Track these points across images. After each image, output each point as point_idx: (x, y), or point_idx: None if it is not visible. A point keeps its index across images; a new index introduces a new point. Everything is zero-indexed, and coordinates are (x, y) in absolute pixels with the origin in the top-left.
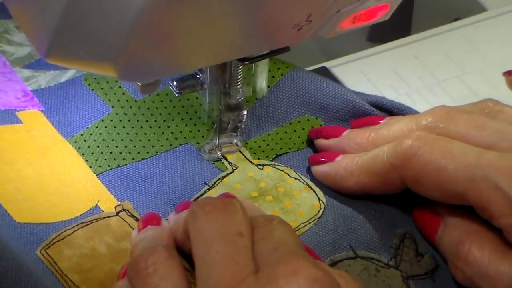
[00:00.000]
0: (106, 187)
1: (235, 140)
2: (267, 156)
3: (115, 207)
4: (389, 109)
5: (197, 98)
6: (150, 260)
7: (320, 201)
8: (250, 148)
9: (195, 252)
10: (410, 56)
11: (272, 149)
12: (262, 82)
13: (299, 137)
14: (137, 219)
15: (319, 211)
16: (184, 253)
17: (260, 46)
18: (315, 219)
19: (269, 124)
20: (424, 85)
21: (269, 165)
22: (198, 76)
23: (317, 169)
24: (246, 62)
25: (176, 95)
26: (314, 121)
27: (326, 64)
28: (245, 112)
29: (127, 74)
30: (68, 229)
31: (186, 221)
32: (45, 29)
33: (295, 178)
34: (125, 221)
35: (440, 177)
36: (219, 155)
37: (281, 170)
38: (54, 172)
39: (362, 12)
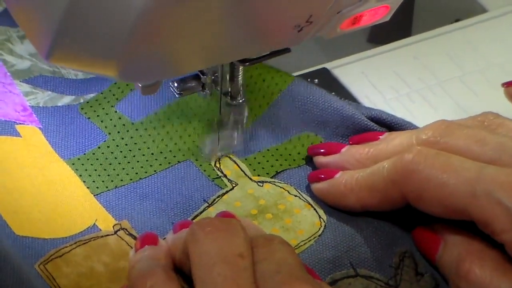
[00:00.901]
0: (104, 206)
1: (235, 133)
2: (267, 173)
3: (113, 226)
4: (389, 124)
5: (195, 114)
6: (148, 283)
7: (321, 219)
8: (250, 165)
9: (196, 274)
10: (410, 57)
11: (272, 166)
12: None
13: (298, 153)
14: (135, 238)
15: (319, 229)
16: (182, 273)
17: (260, 47)
18: (316, 237)
19: (268, 141)
20: (424, 86)
21: (269, 182)
22: (199, 78)
23: (317, 186)
24: (247, 63)
25: (177, 96)
26: (314, 138)
27: (327, 65)
28: (246, 113)
29: (128, 75)
30: (66, 247)
31: (185, 242)
32: (46, 29)
33: (295, 196)
34: (123, 240)
35: (441, 193)
36: (220, 155)
37: (281, 187)
38: (51, 188)
39: (362, 13)
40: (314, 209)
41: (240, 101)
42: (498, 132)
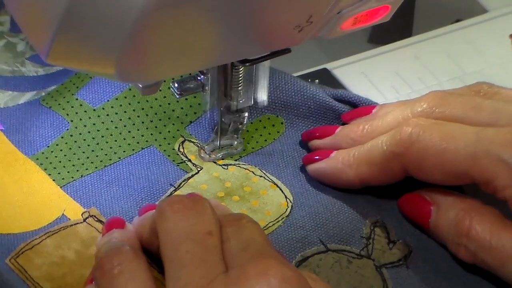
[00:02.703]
0: (71, 196)
1: (235, 142)
2: (231, 157)
3: (81, 214)
4: (354, 103)
5: (156, 99)
6: (115, 260)
7: (287, 199)
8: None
9: (164, 252)
10: (411, 57)
11: (232, 146)
12: (262, 94)
13: (261, 135)
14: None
15: (286, 209)
16: (150, 254)
17: (261, 48)
18: (283, 218)
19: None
20: (425, 86)
21: (233, 164)
22: (199, 78)
23: (313, 167)
24: (247, 64)
25: (177, 97)
26: (275, 119)
27: (327, 66)
28: (246, 114)
29: (128, 75)
30: (36, 239)
31: (154, 220)
32: (46, 29)
33: (260, 176)
34: (92, 226)
35: (442, 160)
36: (220, 157)
37: (245, 169)
38: (18, 186)
39: (363, 13)
40: (280, 189)
41: (240, 102)
42: (494, 99)
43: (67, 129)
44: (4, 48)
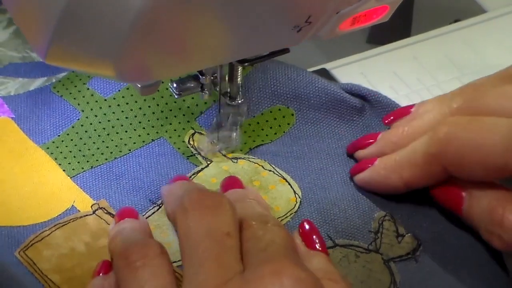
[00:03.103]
0: (81, 188)
1: (234, 134)
2: (241, 150)
3: (91, 206)
4: (364, 96)
5: (166, 89)
6: (142, 252)
7: (296, 195)
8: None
9: (183, 249)
10: (409, 58)
11: (245, 143)
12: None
13: (271, 128)
14: (114, 216)
15: (295, 205)
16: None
17: (259, 48)
18: (292, 213)
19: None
20: (423, 86)
21: (243, 158)
22: (198, 78)
23: (359, 177)
24: (246, 64)
25: (176, 97)
26: (285, 111)
27: (326, 66)
28: (245, 108)
29: (126, 75)
30: (46, 230)
31: (175, 214)
32: (44, 30)
33: (270, 171)
34: (102, 218)
35: (480, 155)
36: (217, 149)
37: (255, 163)
38: (28, 176)
39: (361, 14)
40: (289, 184)
41: (239, 101)
42: None
43: (78, 119)
44: (13, 35)
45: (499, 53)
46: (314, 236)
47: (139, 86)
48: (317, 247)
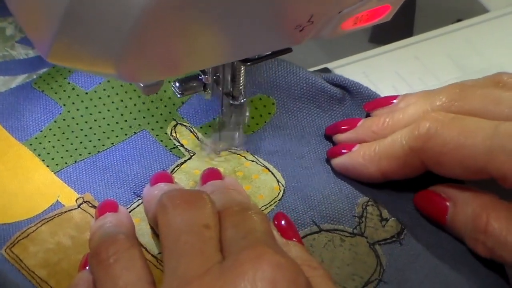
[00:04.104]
0: (65, 182)
1: (236, 134)
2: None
3: (76, 200)
4: (345, 86)
5: None
6: (111, 249)
7: (279, 183)
8: (206, 133)
9: (164, 244)
10: (411, 57)
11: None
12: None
13: (252, 118)
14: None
15: (279, 193)
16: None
17: (262, 47)
18: (276, 201)
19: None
20: (425, 86)
21: (225, 149)
22: (200, 78)
23: (336, 161)
24: (249, 63)
25: (178, 96)
26: (266, 100)
27: (328, 65)
28: (247, 114)
29: (129, 75)
30: (31, 226)
31: (155, 211)
32: (47, 29)
33: (252, 161)
34: (87, 212)
35: (460, 155)
36: (221, 149)
37: (237, 154)
38: (12, 174)
39: (364, 13)
40: (272, 173)
41: (242, 101)
42: None
43: (60, 113)
44: None
45: (501, 53)
46: (289, 228)
47: (141, 85)
48: (293, 239)
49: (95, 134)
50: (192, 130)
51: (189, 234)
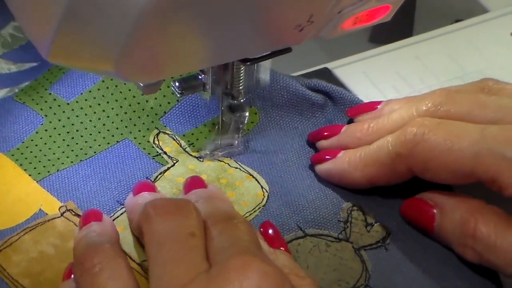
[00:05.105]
0: (48, 191)
1: (236, 141)
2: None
3: (59, 209)
4: (327, 92)
5: (129, 90)
6: (96, 258)
7: (263, 189)
8: (188, 141)
9: (148, 253)
10: (411, 57)
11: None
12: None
13: None
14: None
15: (263, 199)
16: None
17: (262, 47)
18: (260, 207)
19: (204, 114)
20: (425, 86)
21: (225, 155)
22: (200, 77)
23: (321, 167)
24: (248, 63)
25: (178, 95)
26: (249, 108)
27: (328, 65)
28: (247, 114)
29: (128, 74)
30: (14, 236)
31: (139, 220)
32: (47, 28)
33: (236, 168)
34: (70, 220)
35: (447, 159)
36: (220, 155)
37: (221, 161)
38: None
39: (363, 13)
40: (256, 179)
41: (241, 101)
42: (499, 94)
43: (42, 124)
44: None
45: (501, 53)
46: (276, 237)
47: (142, 85)
48: (280, 248)
49: (77, 143)
50: (174, 137)
51: (174, 242)
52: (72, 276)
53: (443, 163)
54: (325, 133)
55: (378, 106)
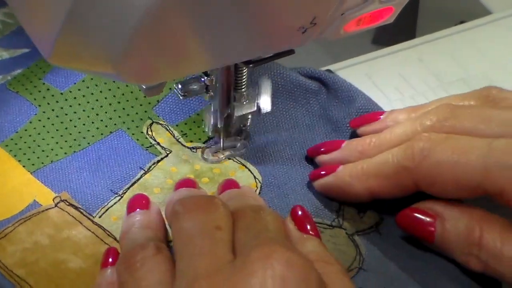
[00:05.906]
0: (42, 182)
1: (239, 144)
2: (199, 139)
3: (53, 199)
4: (321, 79)
5: None
6: (139, 255)
7: (256, 180)
8: (182, 131)
9: (175, 248)
10: (414, 59)
11: (204, 132)
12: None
13: None
14: (76, 208)
15: (256, 190)
16: None
17: (264, 49)
18: None
19: (197, 104)
20: (428, 87)
21: (202, 147)
22: (202, 79)
23: (320, 182)
24: (251, 65)
25: (180, 98)
26: None
27: (331, 67)
28: (249, 116)
29: (130, 76)
30: (9, 227)
31: (169, 219)
32: (49, 30)
33: (229, 158)
34: (64, 210)
35: (454, 174)
36: (223, 158)
37: None
38: None
39: (366, 15)
40: (249, 169)
41: (244, 103)
42: (503, 106)
43: (35, 114)
44: None
45: (504, 55)
46: (306, 221)
47: (144, 87)
48: (310, 232)
49: (70, 134)
50: (168, 128)
51: (200, 236)
52: (114, 265)
53: (451, 178)
54: (323, 149)
55: (381, 116)
